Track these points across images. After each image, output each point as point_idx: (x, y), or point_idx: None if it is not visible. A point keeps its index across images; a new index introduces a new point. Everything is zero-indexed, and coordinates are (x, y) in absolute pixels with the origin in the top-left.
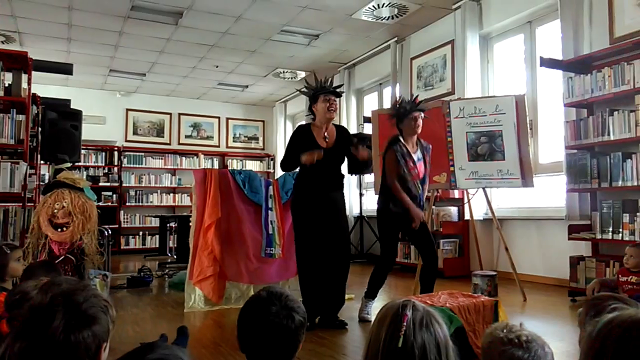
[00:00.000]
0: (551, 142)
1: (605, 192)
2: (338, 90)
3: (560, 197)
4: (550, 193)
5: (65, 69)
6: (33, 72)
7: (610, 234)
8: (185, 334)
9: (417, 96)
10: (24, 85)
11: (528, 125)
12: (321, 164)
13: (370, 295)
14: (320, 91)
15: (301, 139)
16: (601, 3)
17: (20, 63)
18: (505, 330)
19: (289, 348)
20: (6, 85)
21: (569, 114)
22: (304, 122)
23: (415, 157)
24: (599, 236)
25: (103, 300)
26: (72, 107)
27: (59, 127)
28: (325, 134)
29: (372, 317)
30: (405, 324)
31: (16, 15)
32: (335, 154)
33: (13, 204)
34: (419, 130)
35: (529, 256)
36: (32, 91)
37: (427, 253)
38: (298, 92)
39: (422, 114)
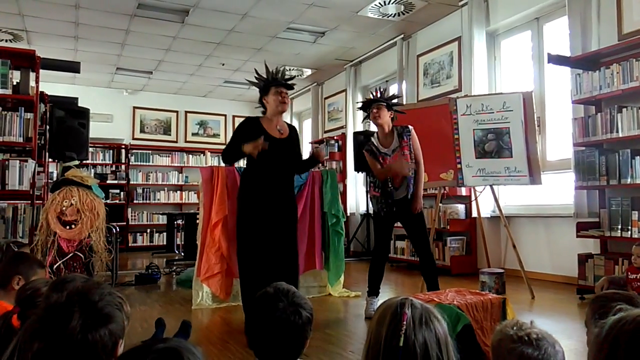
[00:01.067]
0: (559, 139)
1: (614, 189)
2: (290, 82)
3: (568, 195)
4: (559, 190)
5: (72, 67)
6: (41, 71)
7: (619, 231)
8: (187, 330)
9: (384, 90)
10: (32, 83)
11: (536, 123)
12: (274, 155)
13: (373, 292)
14: (272, 83)
15: (249, 130)
16: None
17: (28, 61)
18: (515, 328)
19: (296, 344)
20: (14, 83)
21: (577, 111)
22: (310, 119)
23: (388, 150)
24: (607, 233)
25: (117, 298)
26: (79, 105)
27: (66, 125)
28: (278, 126)
29: None
30: (405, 322)
31: (24, 14)
32: (288, 146)
33: (22, 202)
34: (379, 122)
35: (537, 254)
36: (40, 89)
37: (421, 250)
38: (248, 82)
39: (384, 104)
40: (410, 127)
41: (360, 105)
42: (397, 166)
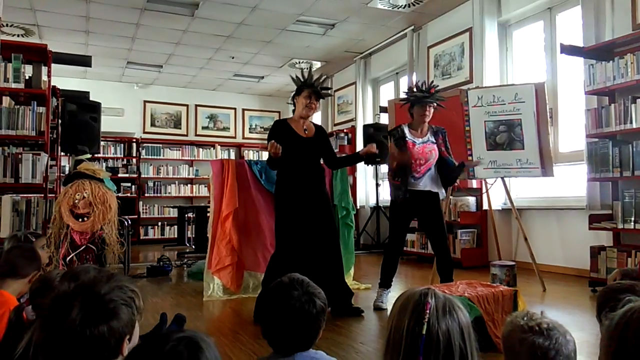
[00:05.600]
0: (572, 130)
1: (627, 181)
2: (324, 92)
3: (581, 187)
4: (571, 182)
5: (84, 61)
6: (52, 65)
7: (632, 223)
8: (181, 323)
9: (432, 85)
10: (44, 77)
11: (548, 114)
12: (300, 153)
13: (385, 284)
14: (307, 86)
15: (279, 132)
16: None
17: (40, 56)
18: (525, 318)
19: (310, 333)
20: (27, 77)
21: (590, 102)
22: (320, 112)
23: (418, 140)
24: (620, 226)
25: (129, 291)
26: (91, 99)
27: (78, 119)
28: (304, 126)
29: (387, 306)
30: (428, 311)
31: (35, 8)
32: (315, 145)
33: (35, 195)
34: (427, 120)
35: (549, 246)
36: (52, 83)
37: (438, 245)
38: (291, 77)
39: (435, 104)
40: (445, 130)
41: (407, 96)
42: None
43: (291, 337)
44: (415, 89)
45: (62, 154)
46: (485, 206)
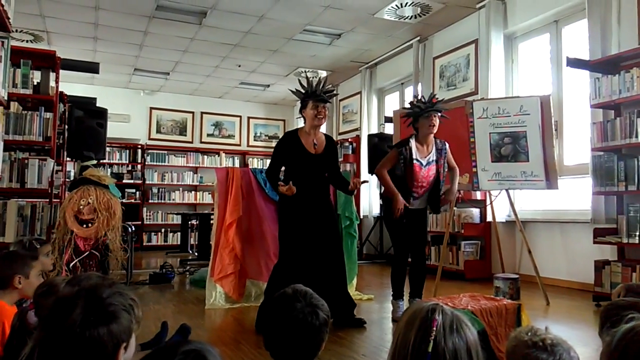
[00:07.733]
0: (577, 143)
1: (633, 195)
2: (328, 95)
3: (585, 200)
4: (576, 195)
5: (92, 67)
6: (60, 71)
7: (636, 238)
8: (186, 333)
9: (434, 95)
10: (52, 83)
11: (553, 127)
12: (307, 171)
13: (398, 295)
14: (309, 97)
15: (288, 146)
16: (630, 2)
17: (48, 62)
18: (529, 334)
19: (312, 345)
20: (35, 83)
21: (595, 115)
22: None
23: (424, 160)
24: (625, 240)
25: (129, 299)
26: (97, 105)
27: (85, 125)
28: (315, 140)
29: None
30: (435, 328)
31: (45, 15)
32: (323, 161)
33: (40, 200)
34: (435, 130)
35: (553, 259)
36: (60, 89)
37: (416, 252)
38: (291, 92)
39: (439, 114)
40: (447, 143)
41: (411, 109)
42: (398, 204)
43: (294, 349)
44: (416, 102)
45: (68, 159)
46: (489, 218)
